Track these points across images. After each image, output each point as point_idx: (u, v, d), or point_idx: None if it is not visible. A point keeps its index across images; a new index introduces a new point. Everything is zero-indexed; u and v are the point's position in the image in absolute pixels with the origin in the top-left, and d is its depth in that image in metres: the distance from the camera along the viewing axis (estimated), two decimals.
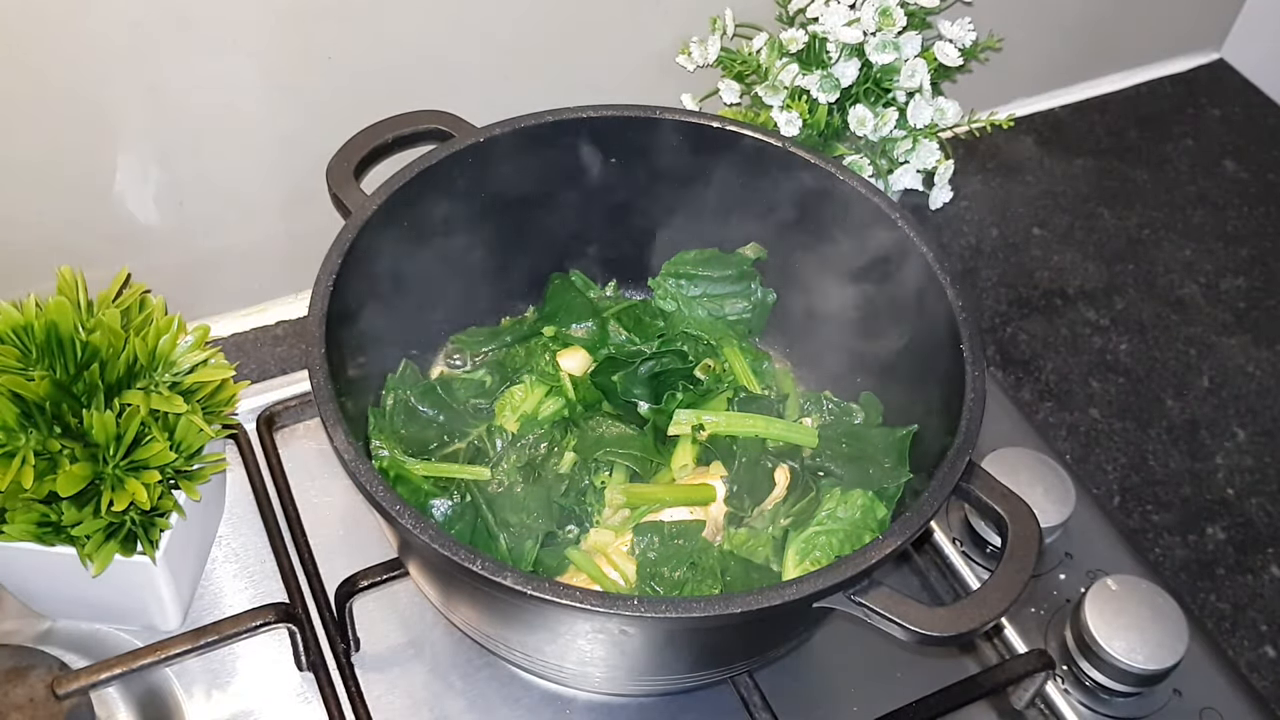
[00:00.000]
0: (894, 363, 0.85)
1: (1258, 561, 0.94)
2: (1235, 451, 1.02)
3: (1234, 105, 1.33)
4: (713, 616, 0.62)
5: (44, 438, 0.72)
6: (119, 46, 0.83)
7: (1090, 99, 1.32)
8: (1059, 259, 1.16)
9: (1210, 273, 1.16)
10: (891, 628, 0.65)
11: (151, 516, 0.76)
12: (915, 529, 0.67)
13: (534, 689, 0.83)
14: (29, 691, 0.77)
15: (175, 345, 0.78)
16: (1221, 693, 0.84)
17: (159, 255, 0.95)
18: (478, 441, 0.84)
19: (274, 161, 0.95)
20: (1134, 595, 0.83)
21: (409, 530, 0.64)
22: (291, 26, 0.87)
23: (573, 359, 0.88)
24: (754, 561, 0.79)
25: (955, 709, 0.79)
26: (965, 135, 1.19)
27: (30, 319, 0.74)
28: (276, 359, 1.01)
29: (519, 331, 0.92)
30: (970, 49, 1.03)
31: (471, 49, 0.96)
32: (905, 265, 0.81)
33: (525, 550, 0.78)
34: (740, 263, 0.93)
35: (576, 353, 0.89)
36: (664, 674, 0.76)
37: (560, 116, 0.85)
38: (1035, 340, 1.09)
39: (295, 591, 0.83)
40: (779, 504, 0.82)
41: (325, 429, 0.68)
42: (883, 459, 0.81)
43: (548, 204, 0.90)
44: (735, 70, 1.03)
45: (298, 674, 0.82)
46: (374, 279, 0.81)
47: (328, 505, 0.90)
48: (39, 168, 0.87)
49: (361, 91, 0.93)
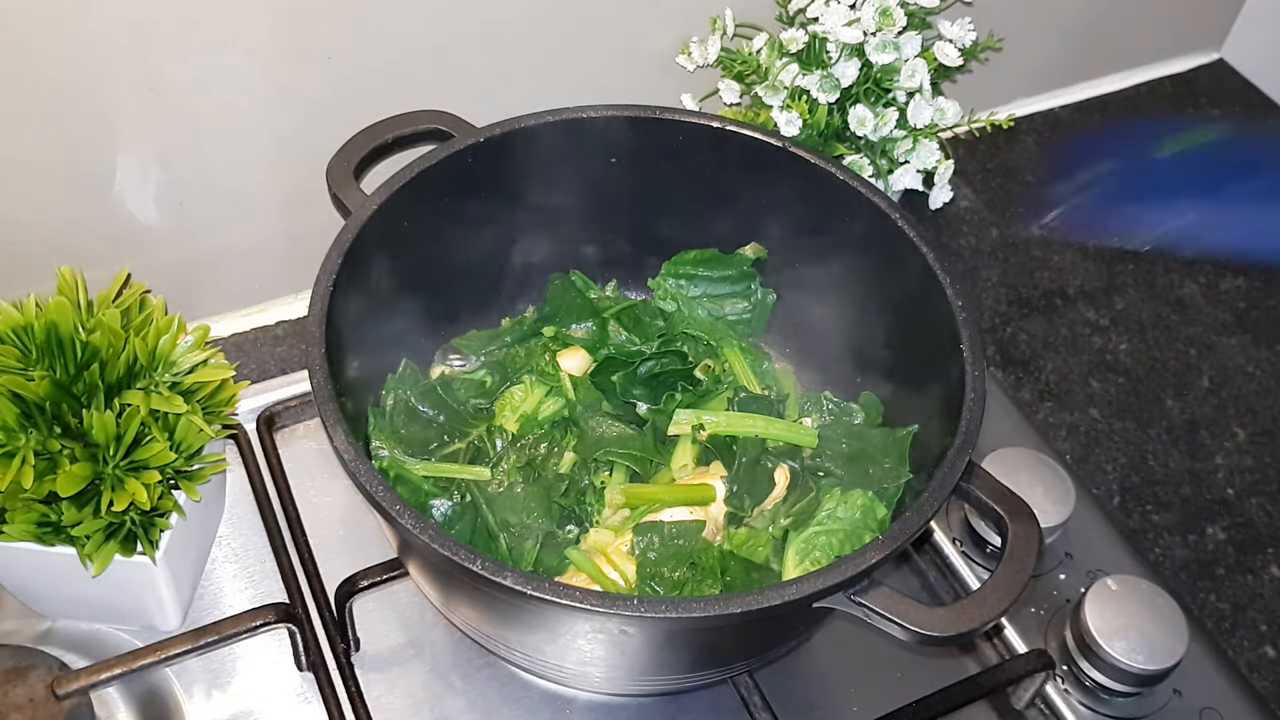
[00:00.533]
0: (894, 363, 0.85)
1: (1258, 561, 0.94)
2: (1235, 451, 1.02)
3: (1234, 105, 1.33)
4: (713, 616, 0.62)
5: (44, 438, 0.72)
6: (119, 46, 0.83)
7: (1090, 99, 1.32)
8: (1059, 259, 1.16)
9: (1210, 273, 1.16)
10: (891, 628, 0.65)
11: (151, 516, 0.76)
12: (915, 529, 0.67)
13: (534, 689, 0.83)
14: (29, 691, 0.77)
15: (175, 345, 0.78)
16: (1221, 693, 0.84)
17: (159, 255, 0.95)
18: (478, 441, 0.84)
19: (274, 161, 0.95)
20: (1134, 595, 0.83)
21: (409, 530, 0.64)
22: (291, 26, 0.87)
23: (573, 359, 0.88)
24: (754, 561, 0.79)
25: (955, 709, 0.79)
26: (965, 135, 1.19)
27: (30, 319, 0.74)
28: (276, 359, 1.01)
29: (519, 332, 0.92)
30: (970, 49, 1.03)
31: (471, 49, 0.96)
32: (905, 265, 0.81)
33: (525, 550, 0.78)
34: (740, 263, 0.93)
35: (576, 353, 0.89)
36: (664, 674, 0.76)
37: (560, 116, 0.85)
38: (1035, 340, 1.09)
39: (295, 591, 0.83)
40: (779, 504, 0.82)
41: (325, 429, 0.68)
42: (883, 459, 0.81)
43: (548, 204, 0.90)
44: (735, 70, 1.03)
45: (298, 674, 0.82)
46: (374, 279, 0.81)
47: (328, 505, 0.90)
48: (39, 168, 0.87)
49: (361, 91, 0.93)
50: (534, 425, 0.85)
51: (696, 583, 0.76)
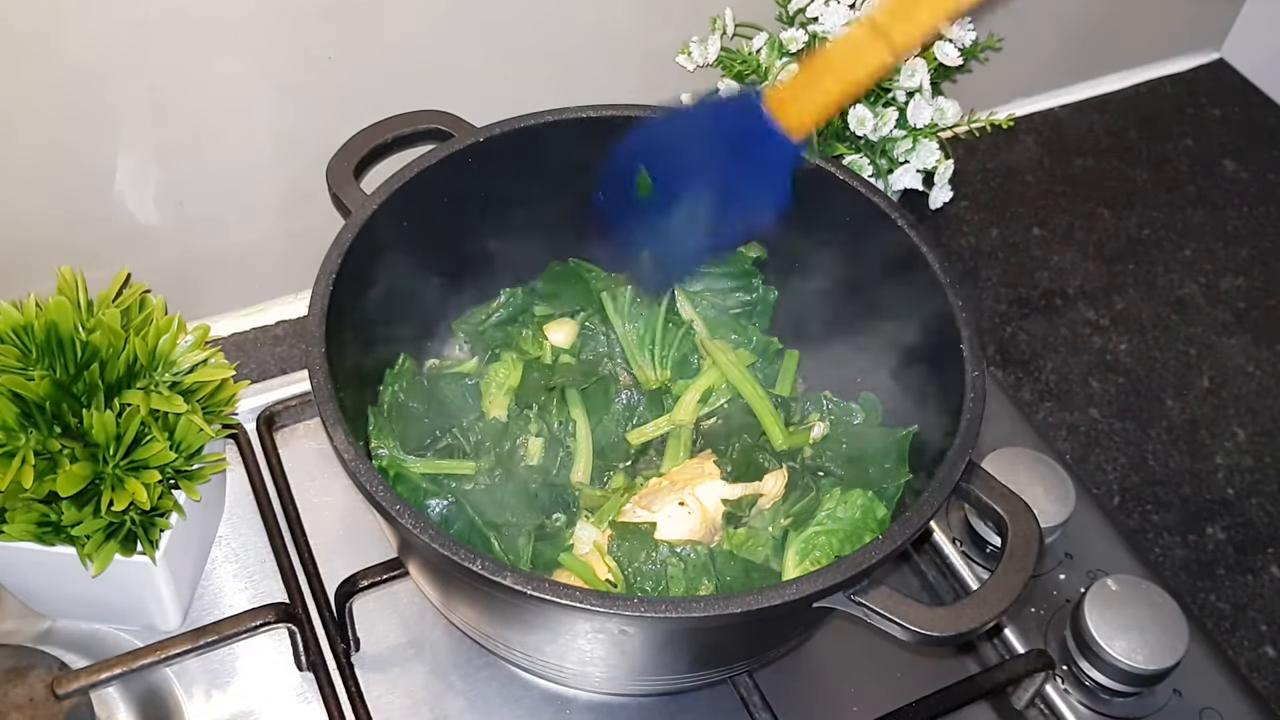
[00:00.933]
0: (894, 363, 0.85)
1: (1258, 561, 0.94)
2: (1235, 451, 1.02)
3: (1234, 105, 1.33)
4: (713, 616, 0.62)
5: (44, 438, 0.72)
6: (119, 46, 0.83)
7: (1090, 99, 1.32)
8: (1059, 259, 1.16)
9: (1210, 273, 1.16)
10: (891, 628, 0.65)
11: (151, 516, 0.76)
12: (915, 529, 0.67)
13: (534, 689, 0.83)
14: (29, 691, 0.77)
15: (175, 345, 0.78)
16: (1221, 693, 0.84)
17: (159, 255, 0.95)
18: (464, 434, 0.84)
19: (274, 161, 0.95)
20: (1134, 595, 0.83)
21: (409, 530, 0.64)
22: (291, 26, 0.87)
23: (560, 331, 0.89)
24: (754, 561, 0.79)
25: (955, 709, 0.79)
26: (965, 135, 1.19)
27: (30, 319, 0.74)
28: (276, 359, 1.01)
29: (513, 304, 0.93)
30: (970, 49, 1.03)
31: (471, 49, 0.96)
32: (905, 265, 0.81)
33: (520, 548, 0.78)
34: (741, 261, 0.93)
35: (565, 325, 0.89)
36: (664, 674, 0.76)
37: (560, 116, 0.85)
38: (1035, 340, 1.09)
39: (295, 591, 0.83)
40: (779, 504, 0.82)
41: (325, 429, 0.68)
42: (883, 459, 0.81)
43: (548, 204, 0.90)
44: (735, 70, 1.03)
45: (298, 674, 0.82)
46: (374, 279, 0.81)
47: (328, 505, 0.90)
48: (39, 168, 0.87)
49: (361, 91, 0.93)
50: (523, 400, 0.86)
51: (691, 581, 0.76)
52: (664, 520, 0.79)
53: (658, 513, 0.79)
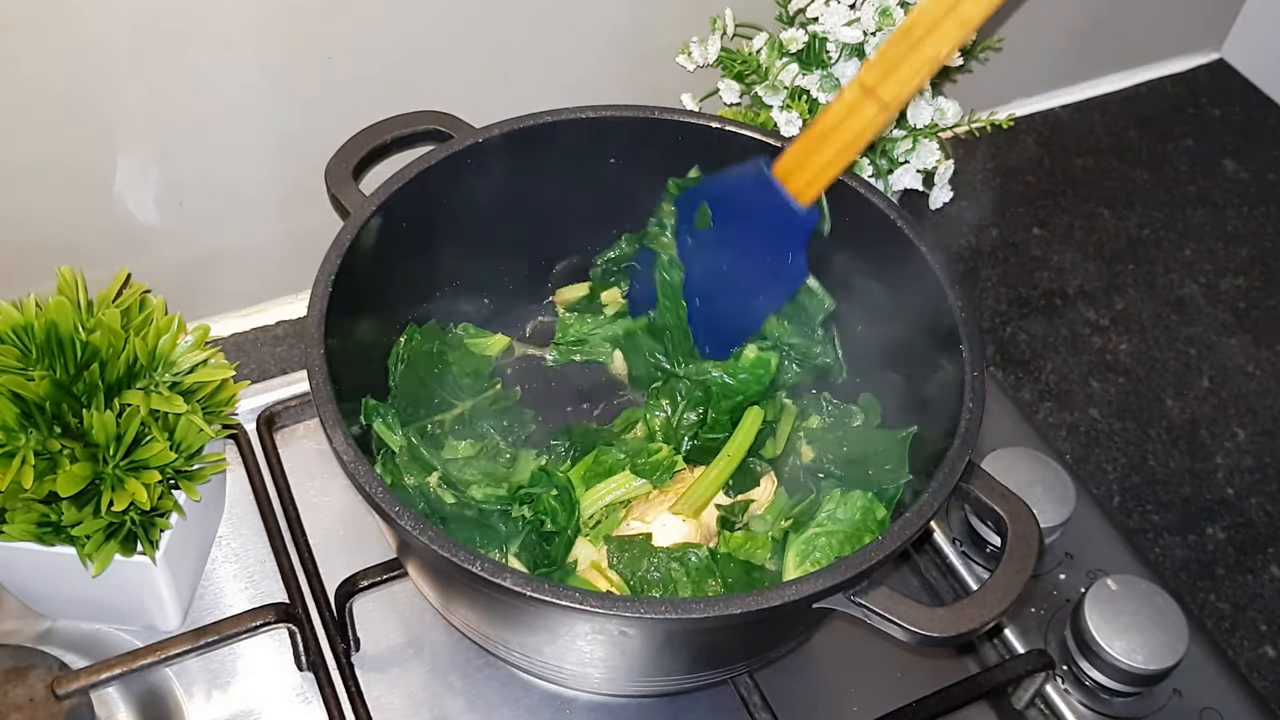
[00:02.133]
0: (893, 363, 0.85)
1: (1258, 561, 0.94)
2: (1235, 451, 1.02)
3: (1234, 105, 1.33)
4: (713, 617, 0.62)
5: (44, 438, 0.72)
6: (119, 46, 0.83)
7: (1090, 99, 1.32)
8: (1059, 259, 1.16)
9: (1210, 273, 1.16)
10: (891, 628, 0.65)
11: (151, 516, 0.76)
12: (915, 530, 0.67)
13: (534, 689, 0.83)
14: (29, 691, 0.77)
15: (175, 345, 0.78)
16: (1221, 693, 0.84)
17: (159, 255, 0.95)
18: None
19: (274, 161, 0.95)
20: (1134, 595, 0.83)
21: (408, 531, 0.64)
22: (291, 26, 0.87)
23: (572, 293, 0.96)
24: (753, 563, 0.79)
25: (955, 709, 0.79)
26: (965, 135, 1.19)
27: (30, 319, 0.74)
28: (276, 359, 1.01)
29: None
30: (970, 49, 1.03)
31: (471, 49, 0.96)
32: (905, 265, 0.81)
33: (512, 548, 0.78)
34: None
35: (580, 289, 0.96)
36: (664, 675, 0.76)
37: (560, 116, 0.85)
38: (1035, 340, 1.09)
39: (295, 591, 0.83)
40: (779, 505, 0.82)
41: (325, 429, 0.68)
42: (882, 460, 0.81)
43: (547, 205, 0.90)
44: (735, 70, 1.03)
45: (298, 674, 0.82)
46: (373, 279, 0.81)
47: (328, 505, 0.90)
48: (39, 168, 0.87)
49: (361, 91, 0.93)
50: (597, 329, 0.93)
51: (695, 583, 0.76)
52: (659, 529, 0.79)
53: (651, 523, 0.80)
